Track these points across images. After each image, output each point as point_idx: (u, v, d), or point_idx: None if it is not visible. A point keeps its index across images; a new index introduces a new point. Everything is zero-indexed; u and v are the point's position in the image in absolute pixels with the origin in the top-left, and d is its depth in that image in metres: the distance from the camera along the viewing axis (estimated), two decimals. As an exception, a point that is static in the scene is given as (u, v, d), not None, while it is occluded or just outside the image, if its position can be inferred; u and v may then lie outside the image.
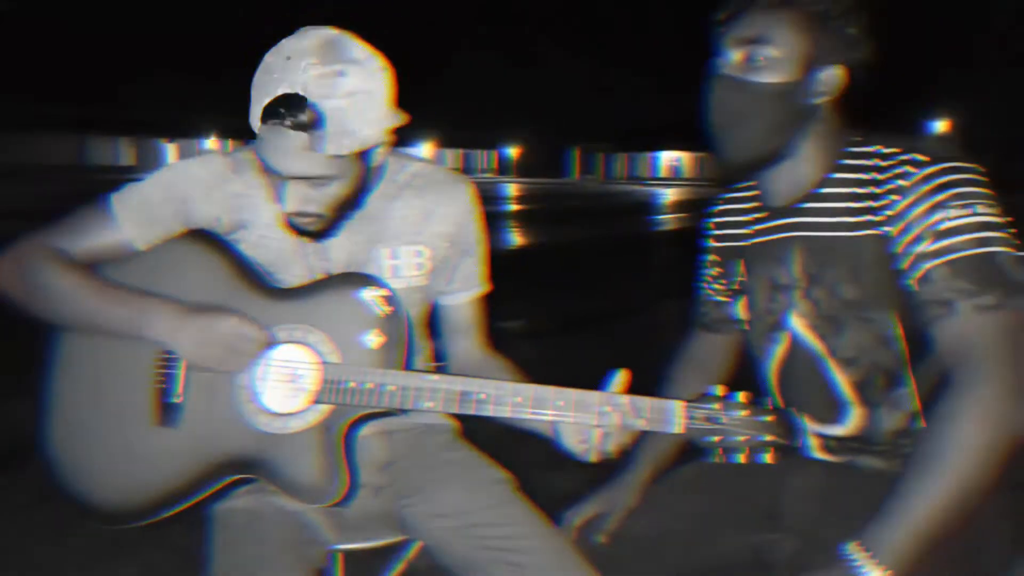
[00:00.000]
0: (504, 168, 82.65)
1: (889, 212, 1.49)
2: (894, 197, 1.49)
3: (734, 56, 1.57)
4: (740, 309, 1.80)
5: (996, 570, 1.50)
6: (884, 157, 1.53)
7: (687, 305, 1.99)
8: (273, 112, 1.50)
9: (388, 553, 1.85)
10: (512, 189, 43.19)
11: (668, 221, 23.74)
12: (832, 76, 1.55)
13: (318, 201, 1.60)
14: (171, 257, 1.69)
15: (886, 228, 1.50)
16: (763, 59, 1.53)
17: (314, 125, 1.50)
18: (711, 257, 1.90)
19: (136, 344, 1.61)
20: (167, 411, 1.63)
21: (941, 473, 1.36)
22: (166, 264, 1.69)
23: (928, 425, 1.43)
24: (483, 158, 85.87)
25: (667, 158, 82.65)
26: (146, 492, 1.63)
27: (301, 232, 1.64)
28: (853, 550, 1.38)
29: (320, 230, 1.64)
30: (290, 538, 1.61)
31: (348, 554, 1.80)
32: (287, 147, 1.52)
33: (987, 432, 1.36)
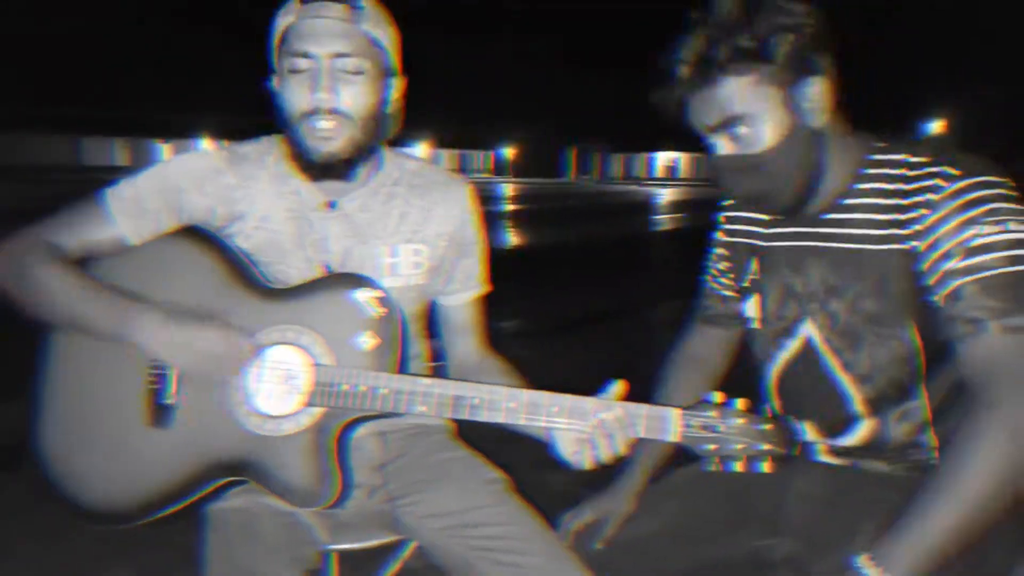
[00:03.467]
0: (500, 169, 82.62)
1: (917, 227, 1.45)
2: (923, 211, 1.44)
3: (718, 139, 1.52)
4: (749, 308, 1.75)
5: (999, 573, 1.49)
6: (911, 167, 1.48)
7: (684, 305, 1.98)
8: None
9: (383, 553, 1.85)
10: (508, 189, 43.17)
11: (665, 221, 23.73)
12: (815, 92, 1.47)
13: (344, 107, 1.63)
14: (164, 256, 1.68)
15: (914, 243, 1.46)
16: (750, 132, 1.47)
17: (353, 1, 1.63)
18: (720, 251, 1.86)
19: (128, 345, 1.60)
20: (159, 412, 1.62)
21: (960, 493, 1.34)
22: (159, 263, 1.68)
23: (950, 443, 1.40)
24: (479, 159, 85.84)
25: (664, 158, 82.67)
26: (138, 493, 1.62)
27: (316, 157, 1.65)
28: (864, 562, 1.36)
29: (333, 154, 1.65)
30: (284, 538, 1.61)
31: (342, 554, 1.80)
32: (325, 25, 1.60)
33: (1009, 455, 1.34)
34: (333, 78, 1.62)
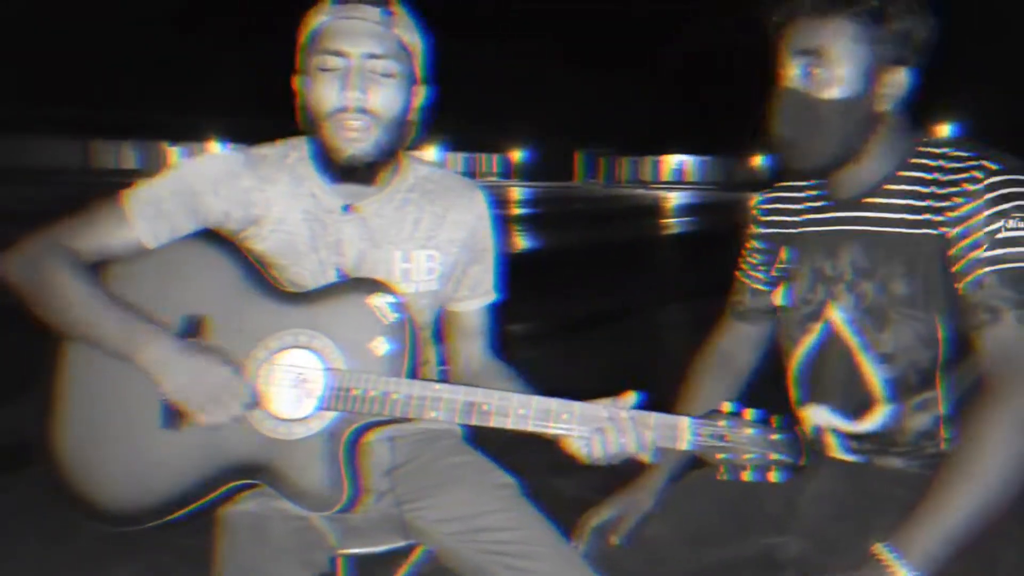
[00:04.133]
0: (508, 172, 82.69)
1: (951, 213, 1.49)
2: (959, 199, 1.48)
3: (795, 68, 1.55)
4: (777, 296, 1.78)
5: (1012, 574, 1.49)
6: (952, 159, 1.52)
7: (691, 308, 1.98)
8: None
9: (393, 558, 1.84)
10: (517, 193, 43.20)
11: (672, 225, 23.73)
12: (895, 80, 1.54)
13: (373, 107, 1.62)
14: (180, 260, 1.69)
15: (946, 228, 1.49)
16: (826, 74, 1.52)
17: (387, 6, 1.64)
18: (755, 244, 1.88)
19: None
20: (172, 414, 1.62)
21: (976, 481, 1.37)
22: (176, 267, 1.68)
23: (965, 431, 1.44)
24: (487, 162, 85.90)
25: (671, 162, 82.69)
26: (152, 495, 1.62)
27: (341, 158, 1.64)
28: (882, 552, 1.38)
29: (358, 156, 1.64)
30: (295, 542, 1.60)
31: (353, 558, 1.79)
32: (359, 26, 1.61)
33: (1021, 442, 1.37)
34: (364, 78, 1.62)
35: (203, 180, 1.70)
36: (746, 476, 1.45)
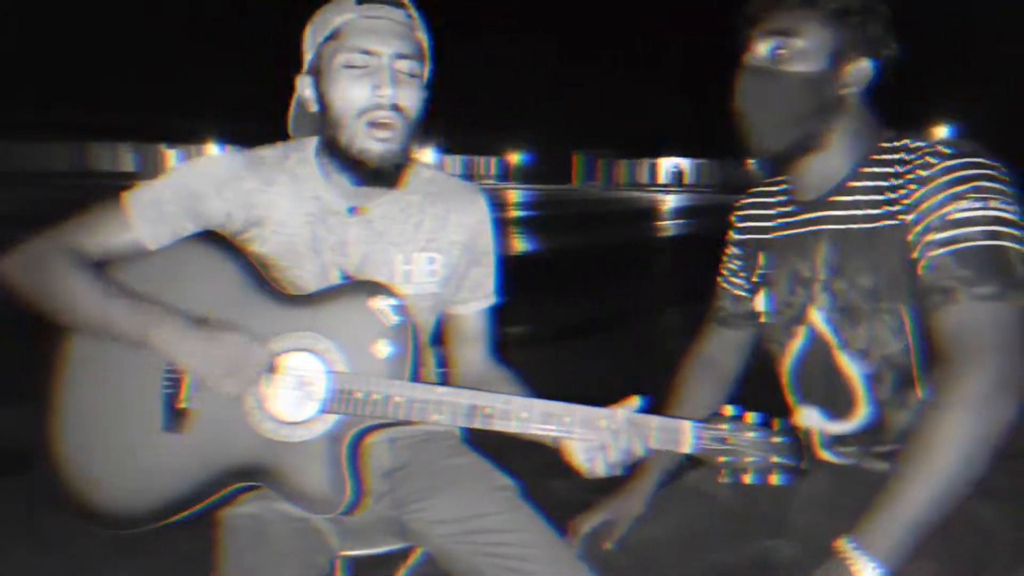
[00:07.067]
0: (506, 175, 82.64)
1: (906, 200, 1.50)
2: (913, 186, 1.49)
3: (761, 48, 1.59)
4: (758, 302, 1.79)
5: None
6: (910, 150, 1.54)
7: (688, 311, 1.99)
8: None
9: (392, 560, 1.85)
10: (514, 196, 43.14)
11: (669, 227, 23.72)
12: (859, 69, 1.57)
13: (403, 105, 1.63)
14: (182, 262, 1.69)
15: (903, 216, 1.50)
16: (790, 50, 1.55)
17: (406, 9, 1.67)
18: (733, 250, 1.90)
19: (148, 350, 1.60)
20: (173, 416, 1.62)
21: (928, 466, 1.36)
22: (177, 269, 1.68)
23: (922, 416, 1.43)
24: (485, 165, 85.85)
25: (668, 164, 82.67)
26: (152, 498, 1.63)
27: (371, 157, 1.64)
28: (845, 547, 1.39)
29: (387, 156, 1.64)
30: (295, 545, 1.61)
31: (353, 560, 1.80)
32: (389, 26, 1.63)
33: (975, 424, 1.36)
34: (394, 77, 1.62)
35: (205, 182, 1.70)
36: (747, 479, 1.46)
